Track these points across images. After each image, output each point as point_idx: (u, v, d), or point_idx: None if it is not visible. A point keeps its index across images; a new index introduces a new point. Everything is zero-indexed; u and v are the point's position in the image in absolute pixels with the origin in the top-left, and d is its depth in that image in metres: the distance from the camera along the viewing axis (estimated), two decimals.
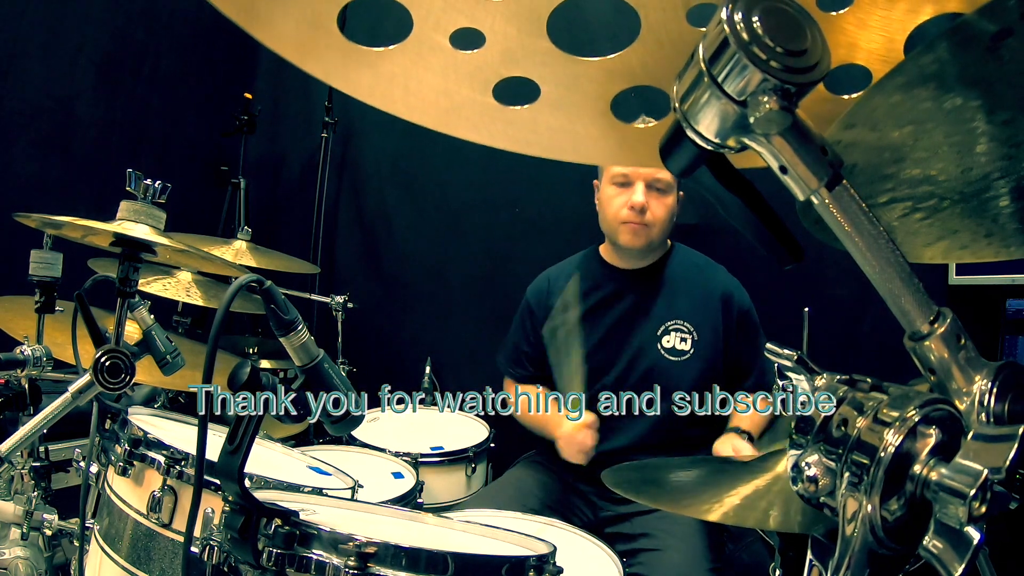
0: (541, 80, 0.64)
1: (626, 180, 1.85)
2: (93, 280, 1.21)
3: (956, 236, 0.67)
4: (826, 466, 0.46)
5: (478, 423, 2.30)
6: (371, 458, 1.94)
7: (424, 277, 3.02)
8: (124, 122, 2.80)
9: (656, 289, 1.93)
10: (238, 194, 3.04)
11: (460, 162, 2.88)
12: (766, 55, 0.43)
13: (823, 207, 0.47)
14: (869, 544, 0.43)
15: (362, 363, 2.79)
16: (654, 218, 1.84)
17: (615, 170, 1.86)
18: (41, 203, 2.16)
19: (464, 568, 0.84)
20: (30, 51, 2.45)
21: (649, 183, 1.83)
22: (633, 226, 1.84)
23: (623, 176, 1.85)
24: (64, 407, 1.02)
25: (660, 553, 1.60)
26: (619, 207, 1.85)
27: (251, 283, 0.83)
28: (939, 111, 0.54)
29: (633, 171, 1.83)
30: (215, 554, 0.82)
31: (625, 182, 1.85)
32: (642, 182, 1.82)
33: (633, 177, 1.83)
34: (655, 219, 1.84)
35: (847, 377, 0.49)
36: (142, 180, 1.09)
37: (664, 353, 1.87)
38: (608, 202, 1.89)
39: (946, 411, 0.44)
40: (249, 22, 0.57)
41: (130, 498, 1.17)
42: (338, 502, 1.15)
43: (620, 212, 1.85)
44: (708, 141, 0.48)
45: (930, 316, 0.47)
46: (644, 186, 1.82)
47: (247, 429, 0.79)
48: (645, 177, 1.82)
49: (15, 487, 1.45)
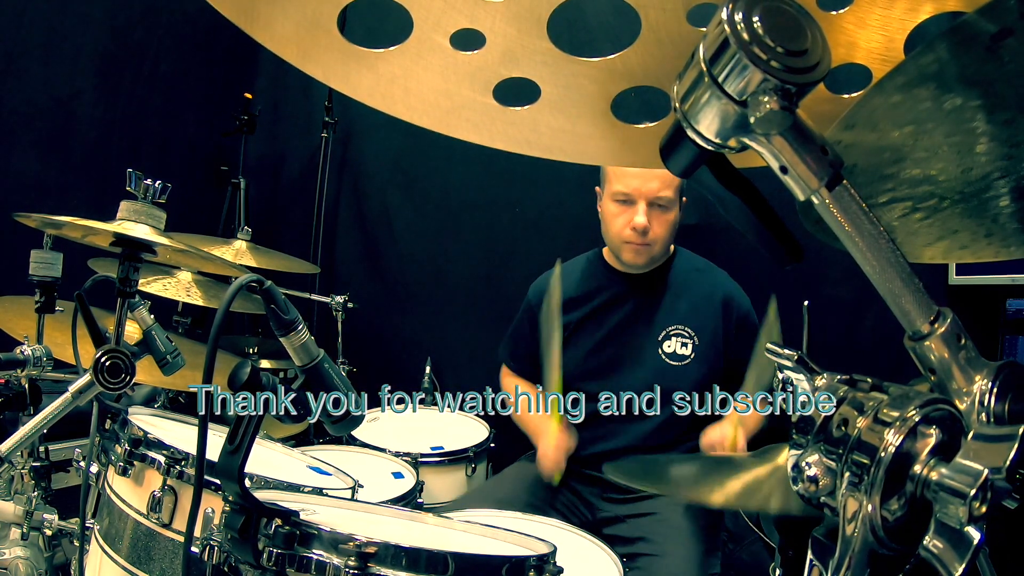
0: (541, 80, 0.64)
1: (628, 199, 1.81)
2: (93, 280, 1.21)
3: (956, 236, 0.67)
4: (826, 466, 0.46)
5: (478, 423, 2.30)
6: (371, 458, 1.94)
7: (424, 277, 3.02)
8: (124, 122, 2.80)
9: (657, 294, 1.94)
10: (238, 194, 3.04)
11: (460, 162, 2.88)
12: (767, 55, 0.43)
13: (823, 207, 0.47)
14: (869, 544, 0.43)
15: (362, 363, 2.79)
16: (655, 236, 1.82)
17: (616, 187, 1.82)
18: (41, 203, 2.17)
19: (464, 568, 0.84)
20: (30, 51, 2.45)
21: (651, 201, 1.79)
22: (635, 246, 1.83)
23: (624, 195, 1.81)
24: (64, 407, 1.02)
25: (659, 559, 1.60)
26: (621, 227, 1.83)
27: (251, 283, 0.83)
28: (939, 111, 0.54)
29: (635, 190, 1.78)
30: (215, 554, 0.82)
31: (627, 200, 1.81)
32: (644, 201, 1.78)
33: (635, 196, 1.79)
34: (656, 237, 1.83)
35: (847, 377, 0.49)
36: (142, 180, 1.08)
37: (665, 358, 1.87)
38: (611, 219, 1.86)
39: (946, 411, 0.44)
40: (249, 23, 0.57)
41: (130, 498, 1.17)
42: (338, 502, 1.15)
43: (623, 232, 1.82)
44: (708, 141, 0.48)
45: (930, 316, 0.47)
46: (646, 205, 1.79)
47: (247, 429, 0.79)
48: (647, 196, 1.78)
49: (15, 487, 1.45)
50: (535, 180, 2.74)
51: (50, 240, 1.45)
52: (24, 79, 2.44)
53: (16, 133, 2.46)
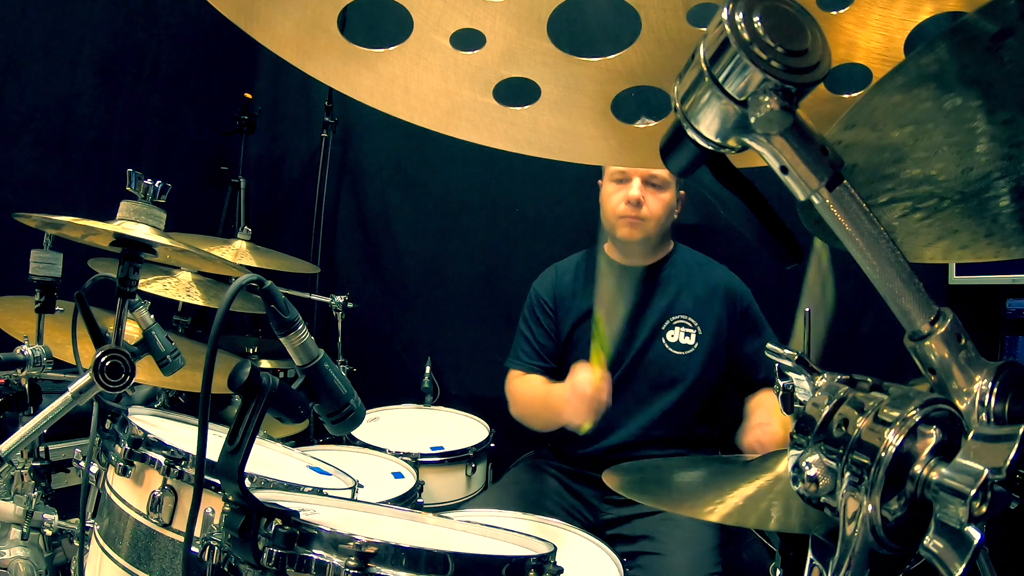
0: (541, 80, 0.64)
1: (624, 176, 1.91)
2: (93, 280, 1.21)
3: (956, 236, 0.67)
4: (827, 466, 0.46)
5: (478, 423, 2.30)
6: (371, 458, 1.94)
7: (424, 277, 3.02)
8: (124, 122, 2.80)
9: (659, 285, 1.96)
10: (238, 194, 3.03)
11: (460, 162, 2.88)
12: (767, 55, 0.43)
13: (824, 207, 0.47)
14: (870, 544, 0.43)
15: (362, 363, 2.79)
16: (650, 213, 1.88)
17: (613, 167, 1.93)
18: (41, 203, 2.17)
19: (464, 568, 0.84)
20: (30, 51, 2.45)
21: (646, 179, 1.89)
22: (630, 219, 1.89)
23: (621, 173, 1.92)
24: (64, 407, 1.02)
25: (661, 557, 1.60)
26: (617, 202, 1.91)
27: (251, 283, 0.83)
28: (939, 111, 0.54)
29: (631, 168, 1.88)
30: (215, 554, 0.82)
31: (623, 178, 1.92)
32: (639, 178, 1.88)
33: (630, 173, 1.90)
34: (651, 214, 1.89)
35: (847, 377, 0.49)
36: (142, 180, 1.08)
37: (669, 347, 1.89)
38: (607, 198, 1.95)
39: (946, 411, 0.44)
40: (248, 23, 0.57)
41: (130, 498, 1.17)
42: (338, 502, 1.15)
43: (618, 207, 1.90)
44: (709, 141, 0.48)
45: (930, 316, 0.47)
46: (641, 182, 1.88)
47: (247, 429, 0.79)
48: (642, 173, 1.88)
49: (15, 487, 1.45)
50: (535, 180, 2.74)
51: (50, 240, 1.45)
52: (24, 79, 2.44)
53: (16, 133, 2.45)
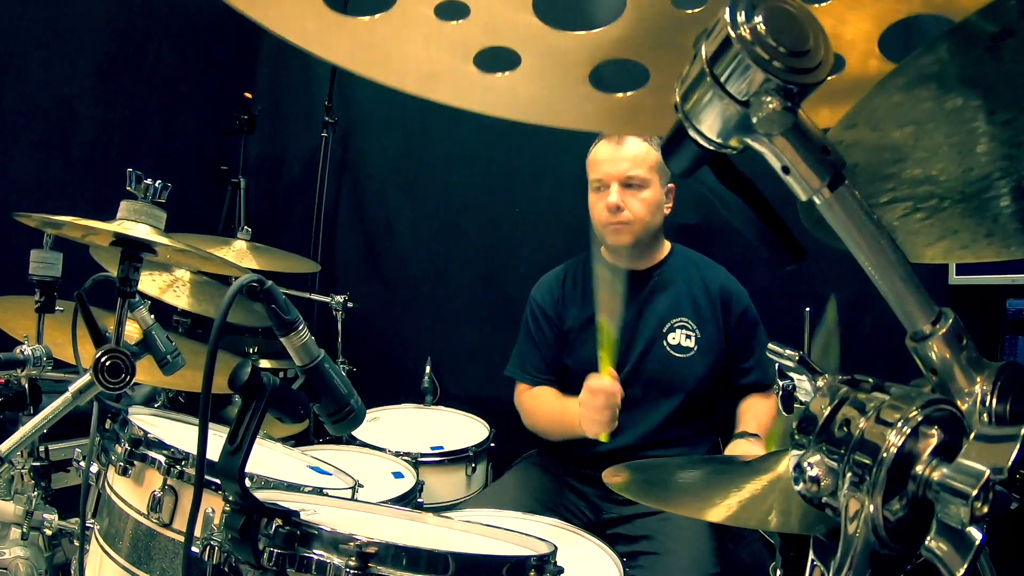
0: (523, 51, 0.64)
1: (601, 184, 1.88)
2: (93, 280, 1.21)
3: (956, 236, 0.67)
4: (828, 466, 0.46)
5: (478, 423, 2.30)
6: (371, 458, 1.93)
7: (424, 277, 3.02)
8: (124, 122, 2.80)
9: (658, 289, 1.95)
10: (238, 194, 3.04)
11: (460, 162, 2.88)
12: (769, 55, 0.43)
13: (825, 207, 0.47)
14: (871, 544, 0.43)
15: (362, 363, 2.79)
16: (633, 215, 1.86)
17: (592, 176, 1.91)
18: (41, 203, 2.17)
19: (465, 568, 0.84)
20: (30, 51, 2.45)
21: (623, 182, 1.85)
22: (614, 226, 1.87)
23: (598, 181, 1.89)
24: (64, 407, 1.02)
25: (661, 557, 1.60)
26: (600, 210, 1.89)
27: (252, 283, 0.83)
28: (940, 111, 0.54)
29: (606, 174, 1.86)
30: (215, 554, 0.82)
31: (601, 186, 1.89)
32: (616, 183, 1.85)
33: (607, 180, 1.86)
34: (634, 216, 1.86)
35: (849, 377, 0.49)
36: (142, 180, 1.08)
37: (670, 350, 1.89)
38: (592, 208, 1.94)
39: (948, 411, 0.45)
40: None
41: (130, 498, 1.17)
42: (338, 502, 1.15)
43: (602, 215, 1.89)
44: (710, 141, 0.48)
45: (932, 316, 0.47)
46: (619, 186, 1.85)
47: (248, 429, 0.79)
48: (618, 177, 1.85)
49: (15, 487, 1.45)
50: (535, 180, 2.74)
51: (50, 240, 1.45)
52: (24, 79, 2.44)
53: (16, 133, 2.45)
